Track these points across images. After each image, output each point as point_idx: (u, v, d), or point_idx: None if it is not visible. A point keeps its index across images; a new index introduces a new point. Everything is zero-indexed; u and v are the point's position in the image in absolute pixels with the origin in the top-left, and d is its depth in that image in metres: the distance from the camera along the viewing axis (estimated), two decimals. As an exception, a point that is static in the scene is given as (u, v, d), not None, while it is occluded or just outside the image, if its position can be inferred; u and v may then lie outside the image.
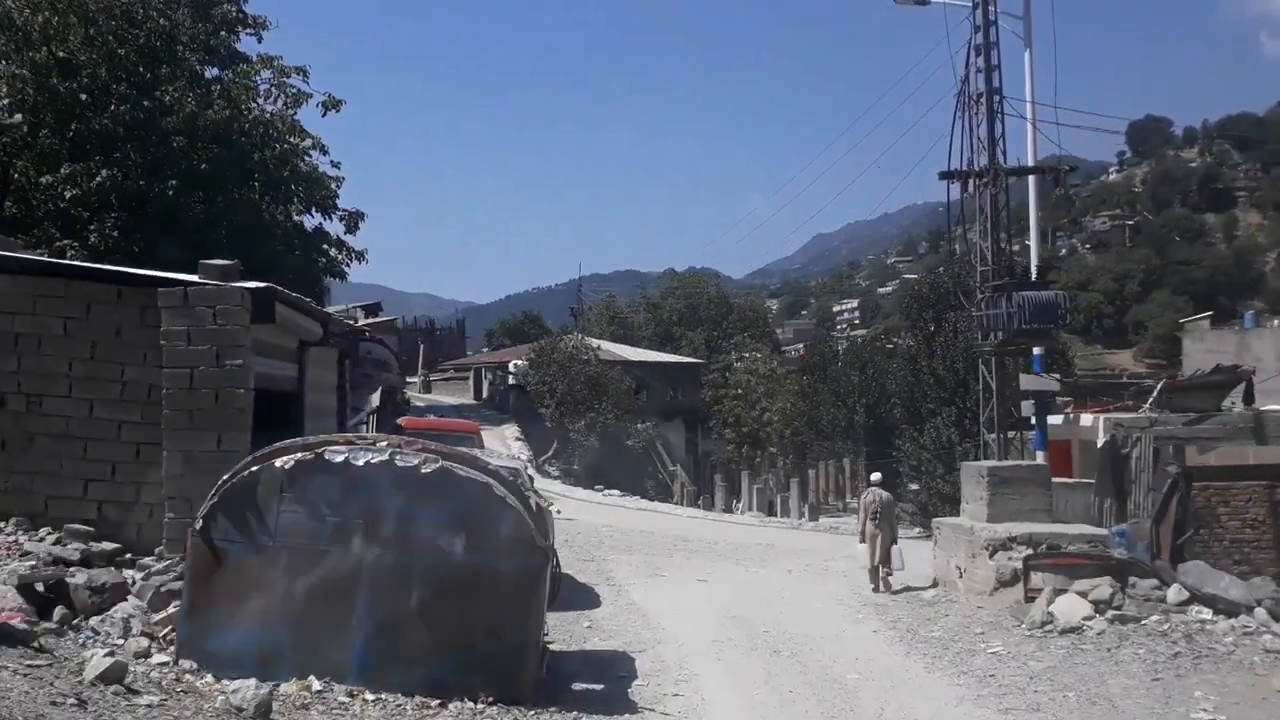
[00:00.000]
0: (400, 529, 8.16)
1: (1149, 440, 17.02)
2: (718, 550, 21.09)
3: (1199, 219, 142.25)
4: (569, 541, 20.17)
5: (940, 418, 44.83)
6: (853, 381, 57.85)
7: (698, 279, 68.02)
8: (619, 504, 29.82)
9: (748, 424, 57.79)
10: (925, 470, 45.33)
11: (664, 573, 16.90)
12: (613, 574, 16.33)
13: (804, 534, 27.08)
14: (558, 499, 29.88)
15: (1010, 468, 15.72)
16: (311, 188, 28.01)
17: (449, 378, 60.92)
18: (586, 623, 12.17)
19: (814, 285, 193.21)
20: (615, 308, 70.30)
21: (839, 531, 27.44)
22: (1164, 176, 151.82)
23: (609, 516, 26.05)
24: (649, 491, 45.24)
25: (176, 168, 23.65)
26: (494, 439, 41.34)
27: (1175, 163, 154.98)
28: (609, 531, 22.71)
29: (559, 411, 41.45)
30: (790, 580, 17.20)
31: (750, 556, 20.37)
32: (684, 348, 63.51)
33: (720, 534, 24.53)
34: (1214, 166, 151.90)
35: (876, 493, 16.91)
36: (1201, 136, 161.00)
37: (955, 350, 44.86)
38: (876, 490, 17.03)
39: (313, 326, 13.54)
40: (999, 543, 14.27)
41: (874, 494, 16.90)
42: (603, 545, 20.26)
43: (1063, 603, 11.41)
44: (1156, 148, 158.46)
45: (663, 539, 22.25)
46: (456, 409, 50.14)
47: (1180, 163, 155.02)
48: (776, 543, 23.20)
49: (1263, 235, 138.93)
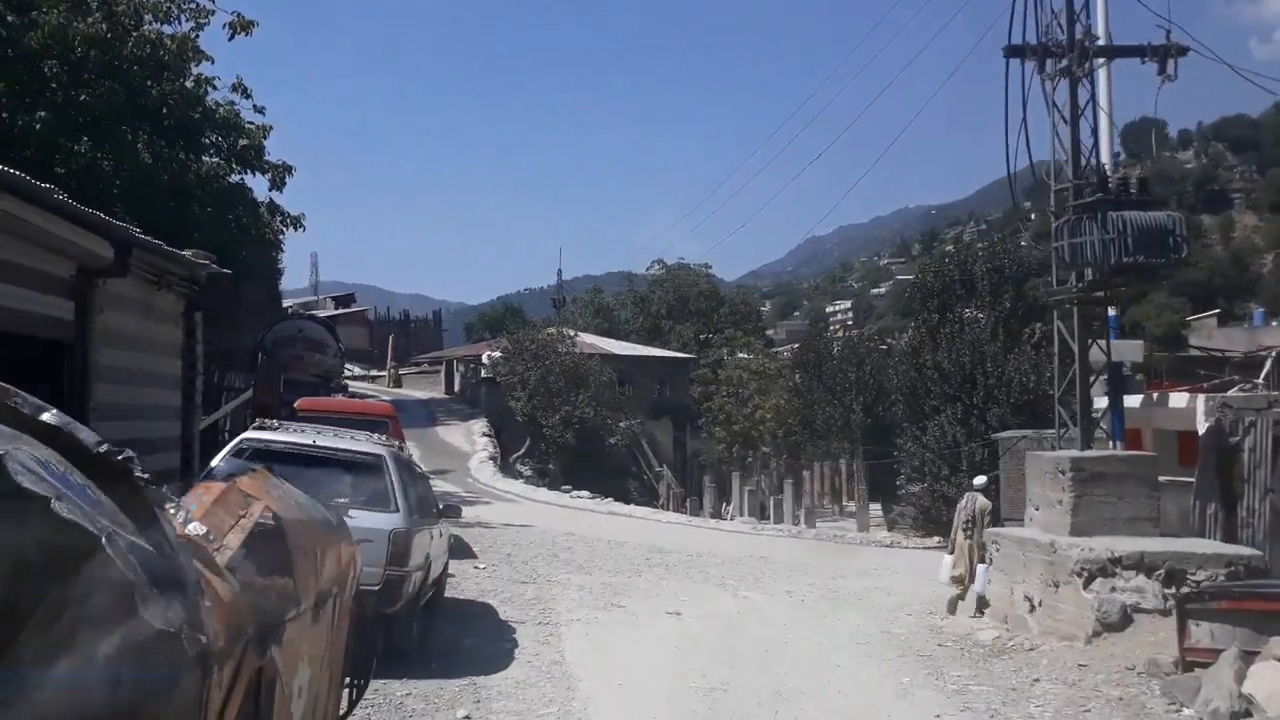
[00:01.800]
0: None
1: (1267, 425, 12.54)
2: (700, 566, 16.54)
3: (1195, 220, 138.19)
4: (510, 556, 15.59)
5: (944, 415, 40.82)
6: (850, 378, 53.31)
7: (688, 270, 63.45)
8: (587, 507, 25.21)
9: (739, 422, 53.15)
10: (929, 471, 41.23)
11: (624, 601, 12.32)
12: (553, 604, 11.76)
13: (803, 543, 22.52)
14: (514, 502, 25.34)
15: (1101, 459, 11.17)
16: (230, 135, 23.47)
17: (422, 371, 56.33)
18: (464, 711, 7.20)
19: (806, 287, 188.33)
20: (600, 301, 65.63)
21: (844, 540, 22.92)
22: (1160, 177, 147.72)
23: (573, 522, 21.51)
24: (633, 494, 40.71)
25: (48, 98, 19.08)
26: (460, 435, 36.79)
27: (1171, 164, 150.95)
28: (568, 542, 18.16)
29: (531, 405, 36.83)
30: (794, 612, 12.63)
31: (741, 574, 15.84)
32: (673, 342, 58.90)
33: (705, 544, 19.99)
34: (1210, 168, 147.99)
35: (973, 498, 13.58)
36: (1197, 138, 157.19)
37: (961, 343, 40.99)
38: (975, 495, 13.70)
39: (96, 245, 8.94)
40: (1096, 566, 9.77)
41: (970, 499, 13.60)
42: (554, 560, 15.69)
43: (1264, 678, 6.79)
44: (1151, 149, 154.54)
45: (633, 551, 17.71)
46: (424, 404, 45.63)
47: (1176, 164, 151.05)
48: (772, 555, 18.67)
49: (1260, 237, 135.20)
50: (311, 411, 14.39)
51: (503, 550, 16.08)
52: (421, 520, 8.74)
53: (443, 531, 10.21)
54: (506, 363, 38.46)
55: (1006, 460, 36.50)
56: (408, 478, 8.89)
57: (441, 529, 10.15)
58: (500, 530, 18.91)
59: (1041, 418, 39.48)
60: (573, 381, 37.79)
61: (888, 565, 18.63)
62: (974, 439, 39.58)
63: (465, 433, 36.66)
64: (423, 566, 8.55)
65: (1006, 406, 39.24)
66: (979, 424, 39.69)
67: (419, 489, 9.36)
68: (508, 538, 17.90)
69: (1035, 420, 38.27)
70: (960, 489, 39.88)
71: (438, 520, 9.83)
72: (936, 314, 43.35)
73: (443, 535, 10.12)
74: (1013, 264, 43.05)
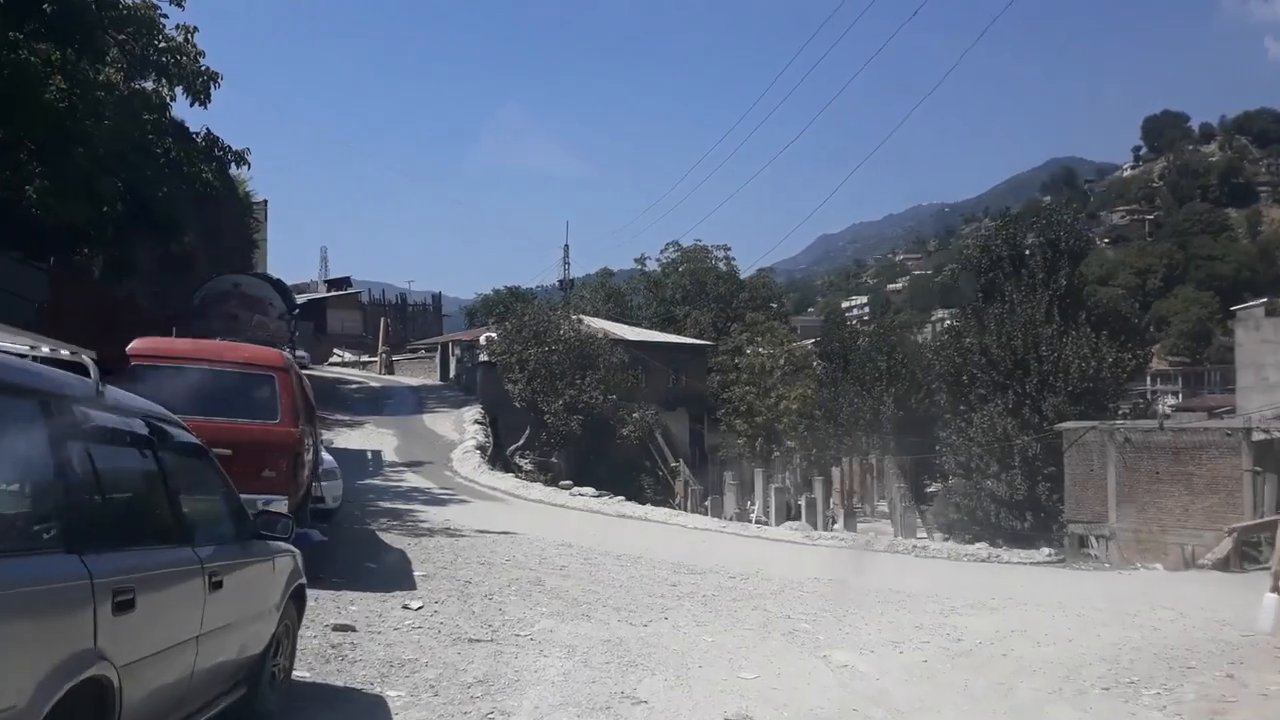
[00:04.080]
0: None
1: None
2: (750, 596, 10.99)
3: (1221, 213, 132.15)
4: (469, 585, 10.04)
5: (992, 405, 35.22)
6: (879, 367, 47.75)
7: (705, 252, 57.71)
8: (591, 508, 19.42)
9: (762, 413, 47.52)
10: (975, 467, 35.77)
11: (646, 683, 6.71)
12: (515, 698, 6.16)
13: (872, 556, 16.87)
14: (500, 501, 19.79)
15: None
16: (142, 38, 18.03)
17: (419, 358, 50.82)
18: None
19: (820, 283, 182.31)
20: (611, 285, 59.90)
21: (927, 554, 17.17)
22: (1184, 171, 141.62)
23: (572, 528, 15.94)
24: (647, 491, 35.16)
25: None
26: (449, 424, 31.27)
27: (1195, 157, 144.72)
28: (561, 557, 12.62)
29: (530, 388, 31.25)
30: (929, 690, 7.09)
31: (813, 611, 10.29)
32: (689, 329, 53.24)
33: (747, 557, 14.42)
34: (1235, 161, 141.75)
35: None
36: (1220, 131, 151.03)
37: (1012, 325, 35.58)
38: None
39: None
40: None
41: None
42: (536, 591, 10.12)
43: None
44: (1174, 142, 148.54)
45: (652, 572, 12.17)
46: (414, 390, 40.20)
47: (1200, 157, 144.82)
48: (850, 576, 13.10)
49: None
50: (150, 357, 8.91)
51: (460, 574, 10.53)
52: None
53: (273, 566, 4.79)
54: (504, 341, 32.89)
55: (1072, 455, 30.99)
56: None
57: (271, 562, 4.74)
58: (470, 540, 13.41)
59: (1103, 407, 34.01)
60: (579, 362, 32.18)
61: (1010, 591, 13.01)
62: (1026, 431, 34.34)
63: (455, 421, 31.14)
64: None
65: (1064, 395, 33.88)
66: (1032, 414, 34.43)
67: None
68: (476, 552, 12.38)
69: (1097, 410, 32.86)
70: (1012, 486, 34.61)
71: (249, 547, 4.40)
72: (981, 293, 38.09)
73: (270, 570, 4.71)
74: (1069, 237, 37.72)
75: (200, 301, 18.64)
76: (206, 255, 25.36)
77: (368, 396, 37.56)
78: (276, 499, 8.72)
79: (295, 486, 9.05)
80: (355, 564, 10.43)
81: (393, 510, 15.99)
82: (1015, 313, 35.48)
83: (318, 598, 7.97)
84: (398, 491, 18.68)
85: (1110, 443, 27.73)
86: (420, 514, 15.82)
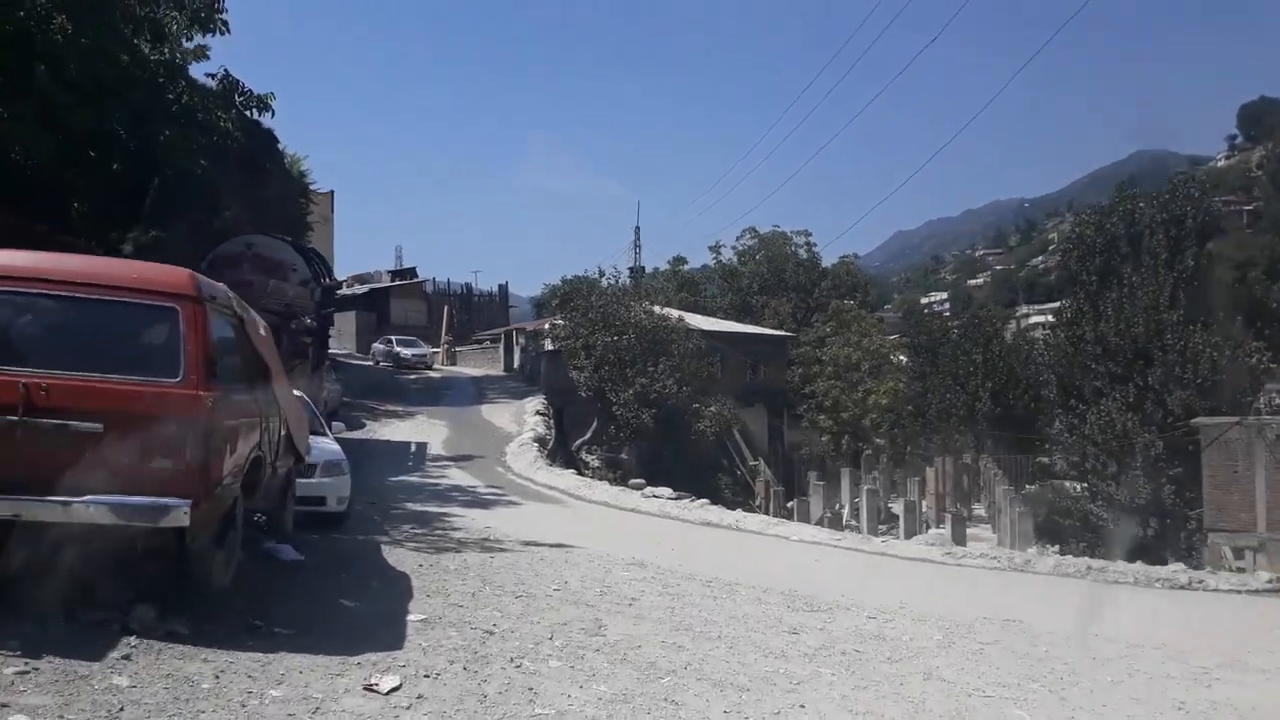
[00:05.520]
0: None
1: None
2: (922, 660, 7.16)
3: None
4: (489, 639, 6.35)
5: (1109, 399, 30.54)
6: (974, 361, 43.42)
7: (784, 238, 53.49)
8: (669, 513, 15.44)
9: (848, 409, 43.32)
10: (1092, 470, 31.67)
11: None
12: None
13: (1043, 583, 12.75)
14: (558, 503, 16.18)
15: None
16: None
17: (483, 348, 47.93)
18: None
19: (896, 280, 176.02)
20: (685, 274, 56.13)
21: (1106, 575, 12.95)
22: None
23: (643, 541, 12.26)
24: (724, 492, 31.48)
25: None
26: (508, 416, 27.93)
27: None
28: (629, 584, 8.96)
29: (598, 376, 27.73)
30: None
31: (1039, 692, 6.44)
32: (767, 319, 49.28)
33: (877, 584, 10.59)
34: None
35: None
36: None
37: (1132, 311, 31.40)
38: None
39: None
40: None
41: None
42: (587, 653, 6.38)
43: None
44: (1273, 129, 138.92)
45: (759, 610, 8.41)
46: (475, 381, 37.19)
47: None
48: (1018, 613, 9.14)
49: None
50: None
51: (481, 616, 6.92)
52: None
53: None
54: (570, 325, 29.48)
55: (1210, 455, 26.61)
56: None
57: None
58: (510, 558, 9.85)
59: (1235, 402, 29.52)
60: (651, 349, 28.55)
61: (1244, 637, 8.92)
62: (1149, 427, 30.04)
63: (515, 412, 27.83)
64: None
65: (1193, 388, 29.51)
66: (1155, 410, 30.12)
67: None
68: (515, 575, 8.81)
69: (1232, 406, 28.53)
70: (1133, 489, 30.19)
71: None
72: (1097, 276, 33.76)
73: None
74: (1197, 213, 33.26)
75: (209, 265, 15.50)
76: (239, 227, 22.50)
77: (425, 387, 34.81)
78: (175, 503, 5.31)
79: (209, 483, 5.58)
80: (323, 600, 6.92)
81: (421, 514, 12.58)
82: (1135, 298, 31.51)
83: (231, 663, 4.50)
84: (434, 490, 15.31)
85: (1259, 440, 24.62)
86: (454, 519, 12.38)
